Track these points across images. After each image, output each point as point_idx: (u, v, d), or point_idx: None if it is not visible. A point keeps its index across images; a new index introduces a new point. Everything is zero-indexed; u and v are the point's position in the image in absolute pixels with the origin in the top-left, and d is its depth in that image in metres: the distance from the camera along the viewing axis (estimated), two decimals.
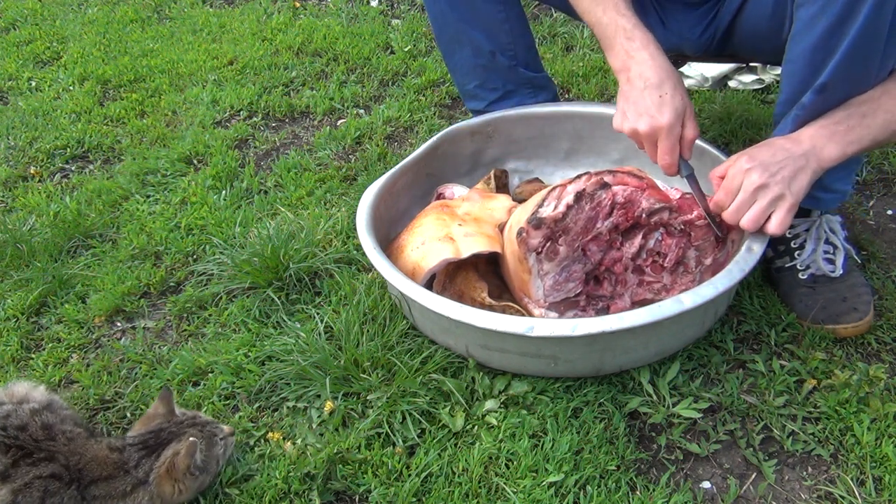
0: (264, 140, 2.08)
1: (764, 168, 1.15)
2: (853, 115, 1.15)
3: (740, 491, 1.11)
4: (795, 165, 1.14)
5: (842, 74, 1.14)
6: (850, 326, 1.29)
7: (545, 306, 1.25)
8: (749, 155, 1.18)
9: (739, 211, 1.17)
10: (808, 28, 1.14)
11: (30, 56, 2.72)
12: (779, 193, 1.14)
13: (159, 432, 1.12)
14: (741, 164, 1.17)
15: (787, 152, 1.16)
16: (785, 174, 1.14)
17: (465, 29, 1.60)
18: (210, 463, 1.12)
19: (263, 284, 1.51)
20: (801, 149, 1.15)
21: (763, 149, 1.18)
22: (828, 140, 1.15)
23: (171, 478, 1.07)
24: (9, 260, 1.68)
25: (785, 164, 1.15)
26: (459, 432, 1.20)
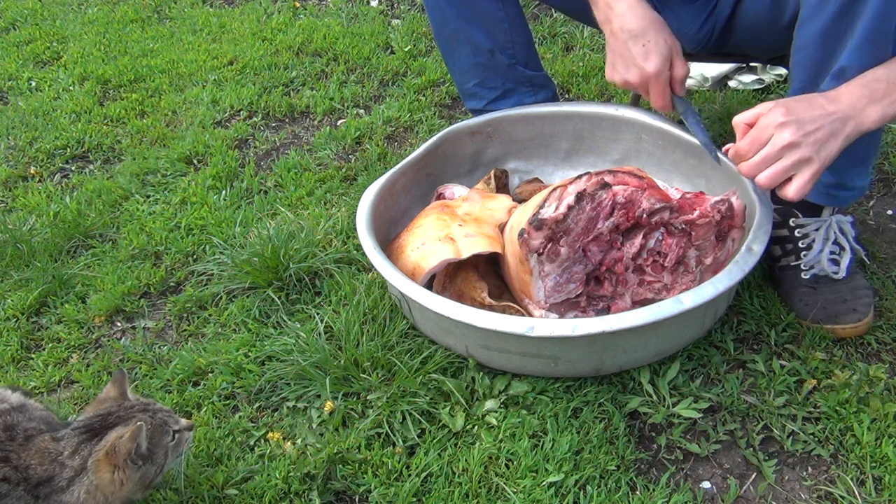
0: (264, 140, 2.08)
1: (799, 126, 1.07)
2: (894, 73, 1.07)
3: (740, 491, 1.11)
4: (832, 128, 1.07)
5: (861, 57, 1.12)
6: (849, 327, 1.29)
7: (546, 307, 1.25)
8: (786, 108, 1.08)
9: (760, 166, 1.10)
10: (817, 12, 1.13)
11: (30, 56, 2.72)
12: (807, 156, 1.07)
13: (106, 416, 1.05)
14: (775, 117, 1.08)
15: (825, 112, 1.07)
16: (819, 136, 1.06)
17: (463, 27, 1.60)
18: (157, 453, 1.04)
19: (263, 284, 1.51)
20: (840, 109, 1.07)
21: (801, 104, 1.09)
22: (868, 101, 1.07)
23: (111, 463, 1.00)
24: (9, 260, 1.68)
25: (821, 125, 1.07)
26: (459, 432, 1.20)
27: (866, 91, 1.08)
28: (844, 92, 1.09)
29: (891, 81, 1.07)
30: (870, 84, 1.08)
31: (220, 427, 1.26)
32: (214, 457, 1.21)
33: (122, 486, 1.01)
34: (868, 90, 1.08)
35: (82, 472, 1.00)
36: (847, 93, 1.09)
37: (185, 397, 1.32)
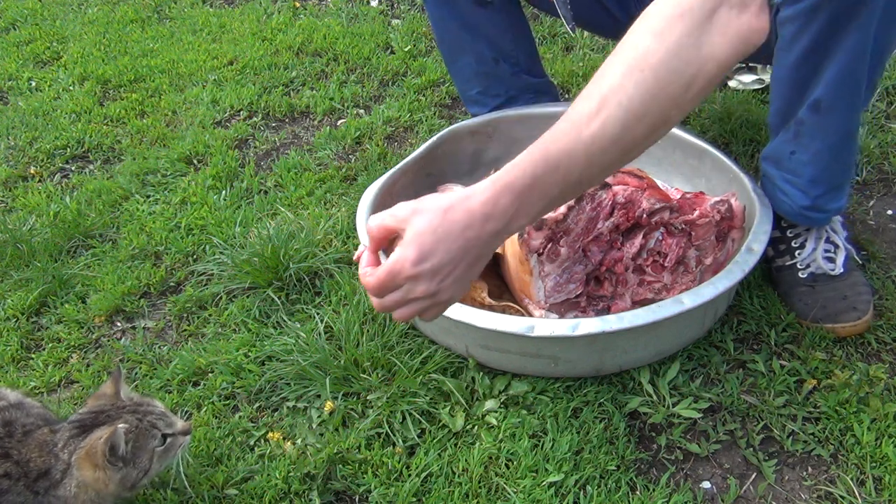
0: (264, 140, 2.08)
1: (433, 274, 0.88)
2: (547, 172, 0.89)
3: (740, 491, 1.11)
4: (471, 258, 0.90)
5: (835, 91, 1.14)
6: (848, 325, 1.29)
7: (546, 307, 1.25)
8: (420, 251, 0.87)
9: (389, 307, 0.92)
10: (790, 44, 1.14)
11: (30, 56, 2.71)
12: (443, 300, 0.92)
13: (98, 413, 1.05)
14: (406, 266, 0.88)
15: (466, 242, 0.88)
16: (457, 274, 0.90)
17: (466, 36, 1.60)
18: (140, 457, 1.02)
19: (263, 284, 1.51)
20: (488, 233, 0.89)
21: (440, 239, 0.88)
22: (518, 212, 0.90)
23: (92, 462, 1.00)
24: (9, 260, 1.68)
25: (460, 262, 0.89)
26: (459, 432, 1.20)
27: (515, 200, 0.89)
28: (501, 202, 0.89)
29: (538, 177, 0.89)
30: (517, 187, 0.89)
31: (220, 427, 1.26)
32: (214, 457, 1.21)
33: (106, 486, 1.01)
34: (516, 198, 0.89)
35: (71, 467, 1.01)
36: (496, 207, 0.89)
37: (185, 397, 1.32)
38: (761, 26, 0.88)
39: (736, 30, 0.87)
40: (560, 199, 0.93)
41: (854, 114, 1.19)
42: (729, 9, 0.87)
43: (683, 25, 0.86)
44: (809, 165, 1.25)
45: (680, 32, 0.86)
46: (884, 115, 1.83)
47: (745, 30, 0.88)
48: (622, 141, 0.88)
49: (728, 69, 0.90)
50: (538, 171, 0.88)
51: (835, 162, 1.25)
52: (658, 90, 0.86)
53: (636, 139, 0.89)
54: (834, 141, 1.22)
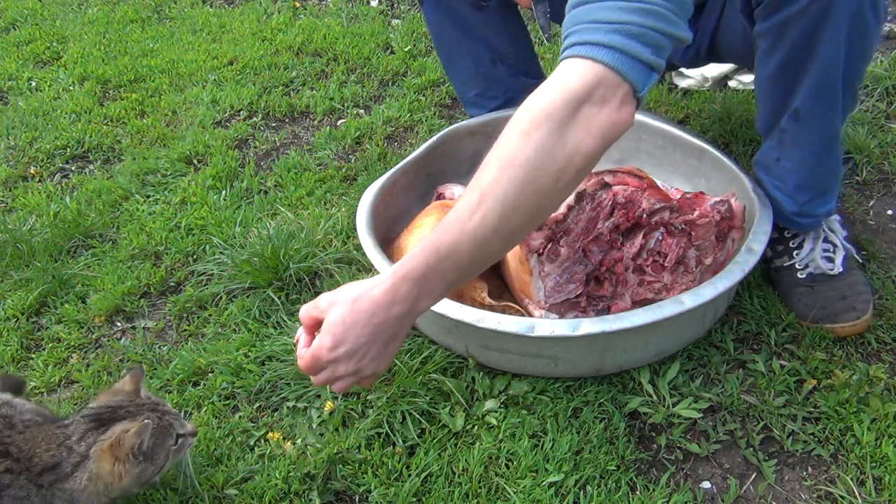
0: (264, 140, 2.08)
1: (349, 357, 1.00)
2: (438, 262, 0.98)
3: (740, 491, 1.11)
4: (385, 337, 1.01)
5: (812, 101, 1.17)
6: (847, 325, 1.29)
7: (546, 307, 1.25)
8: (333, 336, 1.00)
9: (321, 383, 1.05)
10: (767, 57, 1.18)
11: (30, 56, 2.71)
12: (366, 374, 1.03)
13: (116, 409, 1.07)
14: (324, 352, 1.00)
15: (376, 327, 0.99)
16: (374, 353, 1.01)
17: (464, 39, 1.60)
18: (158, 454, 1.05)
19: (263, 284, 1.51)
20: (394, 316, 0.99)
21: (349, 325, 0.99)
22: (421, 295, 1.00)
23: (113, 455, 1.01)
24: (9, 260, 1.68)
25: (373, 343, 1.00)
26: (459, 432, 1.20)
27: (414, 287, 0.99)
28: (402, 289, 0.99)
29: (430, 267, 0.98)
30: (414, 276, 0.98)
31: (220, 427, 1.26)
32: (214, 457, 1.21)
33: (120, 479, 1.02)
34: (414, 285, 0.99)
35: (86, 458, 1.01)
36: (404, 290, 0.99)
37: (185, 397, 1.32)
38: (623, 118, 0.95)
39: (598, 125, 0.94)
40: (462, 280, 1.03)
41: (834, 121, 1.21)
42: (590, 106, 0.94)
43: (548, 125, 0.94)
44: (794, 172, 1.28)
45: (545, 131, 0.94)
46: (884, 115, 1.83)
47: (607, 124, 0.95)
48: (502, 230, 0.97)
49: (597, 158, 0.98)
50: (430, 261, 0.98)
51: (819, 168, 1.27)
52: (528, 184, 0.95)
53: (515, 227, 0.98)
54: (816, 148, 1.24)
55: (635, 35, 0.93)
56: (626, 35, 0.93)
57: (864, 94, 1.91)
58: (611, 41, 0.93)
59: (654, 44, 0.94)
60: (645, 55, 0.94)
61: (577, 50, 0.95)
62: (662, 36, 0.95)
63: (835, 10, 1.06)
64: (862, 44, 1.12)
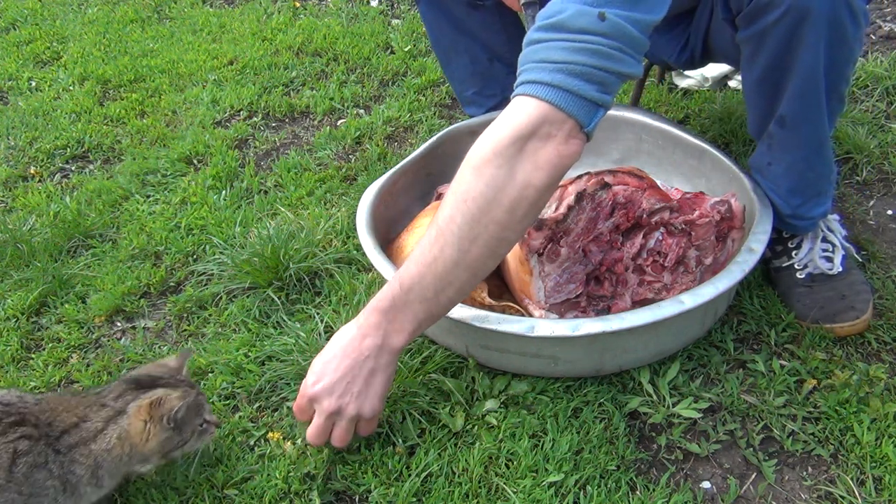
0: (264, 140, 2.08)
1: (330, 391, 1.08)
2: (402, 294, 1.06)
3: (740, 491, 1.11)
4: (365, 372, 1.08)
5: (796, 107, 1.18)
6: (847, 325, 1.29)
7: (546, 307, 1.25)
8: (314, 373, 1.10)
9: (320, 437, 1.11)
10: (750, 64, 1.20)
11: (30, 56, 2.72)
12: (354, 414, 1.09)
13: (158, 378, 1.11)
14: (306, 389, 1.10)
15: (352, 360, 1.08)
16: (355, 390, 1.08)
17: (461, 38, 1.60)
18: (186, 428, 1.08)
19: (263, 284, 1.51)
20: (367, 348, 1.08)
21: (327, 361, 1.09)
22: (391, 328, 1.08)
23: (149, 414, 1.04)
24: (9, 260, 1.68)
25: (353, 377, 1.08)
26: (459, 432, 1.20)
27: (382, 318, 1.07)
28: (370, 324, 1.08)
29: (396, 299, 1.06)
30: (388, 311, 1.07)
31: (220, 427, 1.26)
32: (214, 457, 1.21)
33: (147, 442, 1.06)
34: (386, 318, 1.07)
35: (120, 414, 1.05)
36: (372, 325, 1.08)
37: None
38: (570, 151, 1.00)
39: (546, 158, 0.99)
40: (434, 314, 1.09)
41: (821, 126, 1.21)
42: (537, 141, 0.99)
43: (497, 160, 1.00)
44: (785, 177, 1.29)
45: (495, 166, 1.00)
46: (884, 115, 1.83)
47: (554, 157, 0.99)
48: (463, 262, 1.03)
49: (550, 189, 1.03)
50: (395, 294, 1.06)
51: (809, 172, 1.28)
52: (482, 216, 1.01)
53: (476, 259, 1.04)
54: (805, 153, 1.25)
55: (579, 74, 0.97)
56: (570, 74, 0.97)
57: (864, 94, 1.91)
58: (554, 80, 0.97)
59: (599, 81, 0.98)
60: (589, 93, 0.98)
61: (524, 88, 1.00)
62: (607, 74, 0.98)
63: (811, 17, 1.07)
64: (842, 49, 1.12)
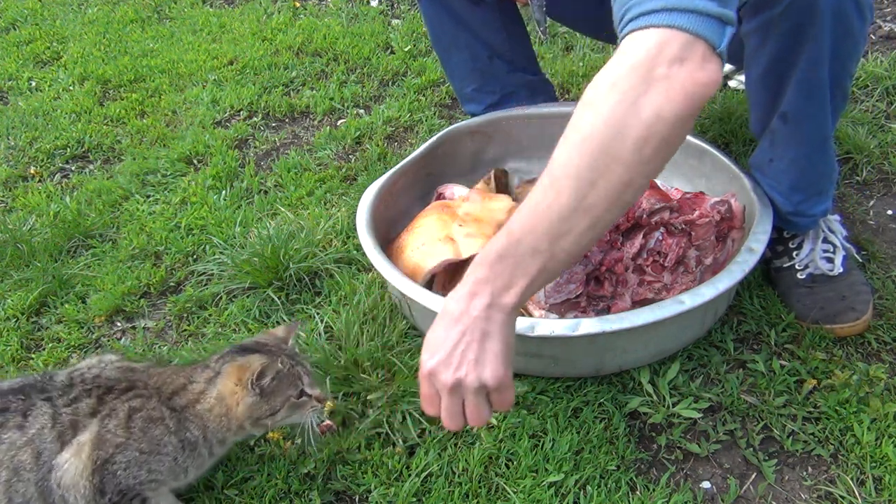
0: (264, 140, 2.08)
1: (446, 365, 0.95)
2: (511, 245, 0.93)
3: (740, 491, 1.11)
4: (477, 336, 0.94)
5: (800, 103, 1.17)
6: (846, 326, 1.29)
7: (546, 307, 1.25)
8: (425, 349, 0.97)
9: (455, 418, 0.97)
10: (752, 60, 1.19)
11: (30, 56, 2.71)
12: (476, 385, 0.95)
13: (263, 345, 1.12)
14: (422, 365, 0.97)
15: (462, 325, 0.95)
16: (471, 357, 0.94)
17: (461, 34, 1.60)
18: (276, 397, 1.07)
19: (263, 284, 1.51)
20: (476, 308, 0.94)
21: (436, 333, 0.97)
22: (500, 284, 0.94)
23: (238, 376, 1.06)
24: (9, 260, 1.68)
25: (467, 344, 0.94)
26: (459, 432, 1.20)
27: (490, 273, 0.94)
28: (474, 286, 0.95)
29: (504, 251, 0.93)
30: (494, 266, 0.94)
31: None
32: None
33: (237, 405, 1.06)
34: (490, 271, 0.94)
35: (218, 374, 1.08)
36: (477, 286, 0.95)
37: None
38: (708, 77, 0.88)
39: (680, 86, 0.87)
40: (547, 271, 0.94)
41: (824, 122, 1.21)
42: (667, 67, 0.87)
43: (616, 94, 0.87)
44: (787, 173, 1.28)
45: (614, 101, 0.87)
46: (884, 115, 1.83)
47: (689, 84, 0.87)
48: (581, 208, 0.90)
49: (682, 124, 0.89)
50: (503, 246, 0.93)
51: (811, 169, 1.27)
52: (603, 157, 0.88)
53: (596, 205, 0.90)
54: (807, 149, 1.24)
55: None
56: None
57: (864, 94, 1.91)
58: (668, 4, 0.86)
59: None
60: (712, 8, 0.87)
61: (637, 23, 0.89)
62: None
63: (817, 9, 1.06)
64: (847, 43, 1.12)
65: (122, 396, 1.05)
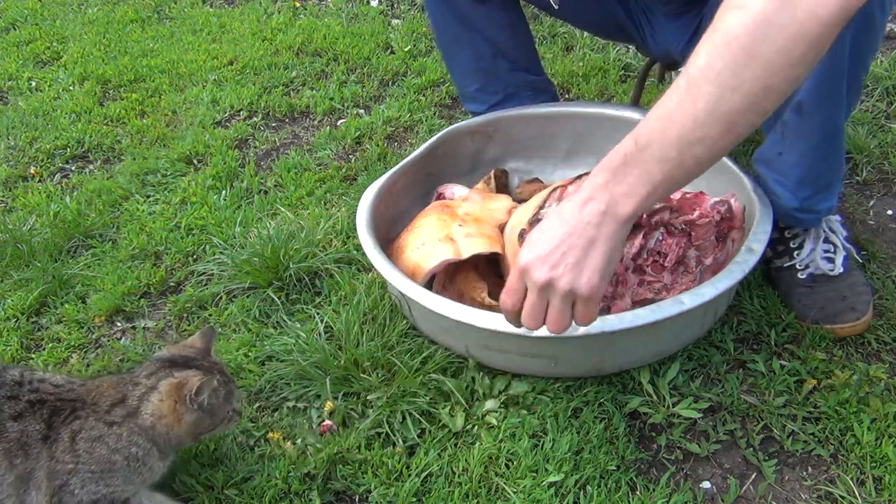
0: (264, 140, 2.08)
1: (542, 261, 0.94)
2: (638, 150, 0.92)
3: (740, 491, 1.11)
4: (584, 241, 0.93)
5: (816, 93, 1.15)
6: (847, 326, 1.29)
7: None
8: (528, 243, 0.97)
9: (535, 317, 0.98)
10: None
11: (30, 56, 2.72)
12: (567, 289, 0.94)
13: (191, 358, 1.11)
14: (519, 258, 0.97)
15: (571, 227, 0.94)
16: (571, 260, 0.93)
17: (465, 32, 1.60)
18: (216, 413, 1.08)
19: (263, 284, 1.51)
20: (590, 213, 0.93)
21: (546, 227, 0.97)
22: (619, 191, 0.92)
23: (177, 395, 1.05)
24: (9, 260, 1.68)
25: (570, 246, 0.93)
26: (459, 432, 1.20)
27: (611, 179, 0.93)
28: (593, 189, 0.94)
29: (629, 157, 0.91)
30: (617, 171, 0.93)
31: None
32: (215, 457, 1.21)
33: (178, 423, 1.06)
34: (612, 177, 0.93)
35: (152, 391, 1.06)
36: (596, 189, 0.94)
37: None
38: None
39: None
40: (671, 181, 0.92)
41: (837, 114, 1.19)
42: None
43: None
44: (796, 167, 1.27)
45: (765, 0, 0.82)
46: (884, 115, 1.84)
47: None
48: (717, 113, 0.86)
49: (834, 27, 0.83)
50: (629, 151, 0.91)
51: (821, 162, 1.26)
52: (748, 58, 0.83)
53: (735, 110, 0.86)
54: (819, 142, 1.23)
55: None
56: None
57: (864, 94, 1.91)
58: None
59: None
60: None
61: None
62: None
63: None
64: (867, 35, 1.10)
65: (66, 420, 1.03)
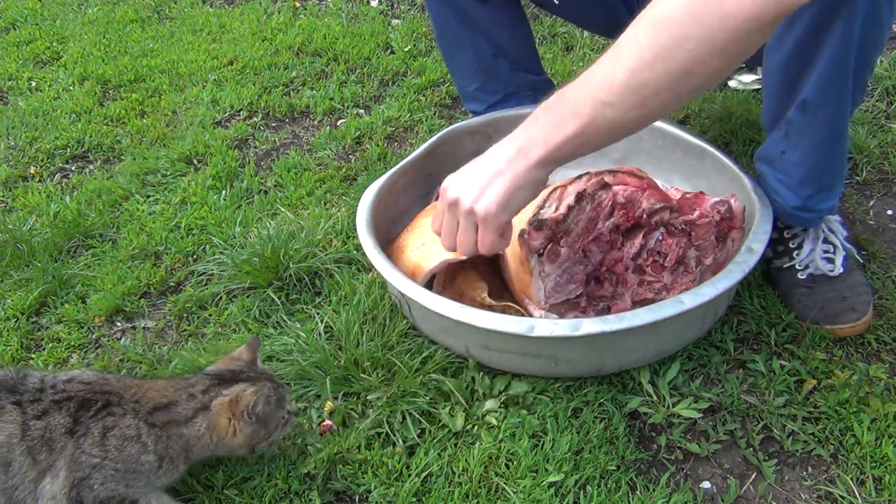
0: (264, 140, 2.08)
1: (457, 183, 1.04)
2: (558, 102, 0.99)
3: (740, 491, 1.11)
4: (492, 171, 1.01)
5: (822, 91, 1.15)
6: (847, 327, 1.29)
7: (546, 308, 1.25)
8: (451, 176, 1.07)
9: (447, 236, 1.07)
10: (779, 41, 1.15)
11: (30, 56, 2.71)
12: (467, 208, 1.01)
13: (238, 372, 1.12)
14: (442, 187, 1.06)
15: (488, 158, 1.03)
16: (475, 185, 1.01)
17: (466, 32, 1.60)
18: (270, 421, 1.09)
19: (263, 284, 1.51)
20: (506, 149, 1.02)
21: (472, 163, 1.06)
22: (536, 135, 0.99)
23: (231, 411, 1.06)
24: (9, 260, 1.67)
25: (481, 174, 1.02)
26: (459, 432, 1.20)
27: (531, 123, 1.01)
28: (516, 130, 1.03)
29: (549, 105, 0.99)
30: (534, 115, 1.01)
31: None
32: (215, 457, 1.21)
33: (233, 436, 1.07)
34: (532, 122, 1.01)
35: (206, 409, 1.07)
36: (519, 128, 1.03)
37: None
38: None
39: None
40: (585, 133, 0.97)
41: (842, 113, 1.19)
42: None
43: None
44: (800, 165, 1.26)
45: None
46: (884, 115, 1.84)
47: None
48: (633, 83, 0.91)
49: (761, 25, 0.85)
50: (551, 101, 0.98)
51: (825, 161, 1.26)
52: (671, 39, 0.87)
53: (649, 86, 0.91)
54: (823, 141, 1.22)
55: None
56: None
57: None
58: None
59: None
60: None
61: None
62: None
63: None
64: (874, 31, 1.10)
65: (98, 414, 1.03)
